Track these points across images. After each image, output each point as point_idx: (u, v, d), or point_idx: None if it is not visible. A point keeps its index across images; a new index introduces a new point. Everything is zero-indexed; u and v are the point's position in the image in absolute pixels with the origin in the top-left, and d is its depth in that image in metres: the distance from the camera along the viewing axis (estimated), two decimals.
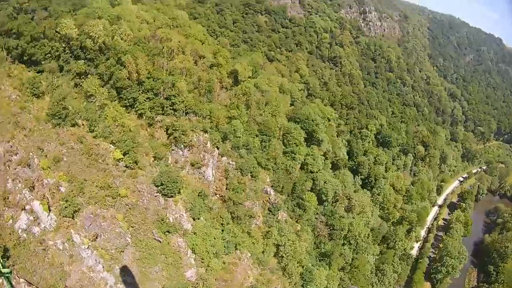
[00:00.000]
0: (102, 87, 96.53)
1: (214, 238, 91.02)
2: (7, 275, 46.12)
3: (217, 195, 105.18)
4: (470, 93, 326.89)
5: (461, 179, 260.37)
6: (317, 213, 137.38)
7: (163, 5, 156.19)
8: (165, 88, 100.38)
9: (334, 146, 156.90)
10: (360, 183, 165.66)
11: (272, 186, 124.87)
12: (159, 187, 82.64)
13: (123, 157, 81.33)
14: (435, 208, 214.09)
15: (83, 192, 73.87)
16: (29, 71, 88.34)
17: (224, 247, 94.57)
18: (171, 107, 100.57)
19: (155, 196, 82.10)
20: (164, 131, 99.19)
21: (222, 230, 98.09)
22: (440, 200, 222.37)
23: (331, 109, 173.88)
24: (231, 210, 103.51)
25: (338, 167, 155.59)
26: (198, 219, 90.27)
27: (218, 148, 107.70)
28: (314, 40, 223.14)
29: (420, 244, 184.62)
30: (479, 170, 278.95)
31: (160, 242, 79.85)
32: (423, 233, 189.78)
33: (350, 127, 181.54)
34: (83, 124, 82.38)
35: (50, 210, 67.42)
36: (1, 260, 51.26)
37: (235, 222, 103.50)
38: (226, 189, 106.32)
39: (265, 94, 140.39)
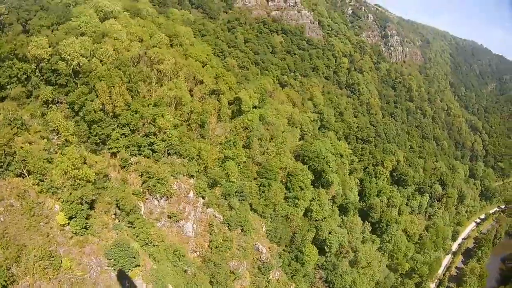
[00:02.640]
0: (73, 117, 78.03)
1: None
2: None
3: (197, 253, 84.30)
4: (492, 125, 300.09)
5: (478, 220, 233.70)
6: (317, 266, 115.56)
7: (167, 20, 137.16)
8: (144, 123, 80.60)
9: (344, 187, 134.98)
10: (370, 229, 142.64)
11: (267, 237, 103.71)
12: (111, 260, 62.57)
13: (68, 221, 61.66)
14: (448, 256, 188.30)
15: (19, 261, 56.22)
16: None
17: None
18: (150, 147, 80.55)
19: (106, 269, 62.05)
20: (139, 175, 79.25)
21: None
22: (454, 246, 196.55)
23: (345, 144, 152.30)
24: (211, 273, 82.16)
25: (347, 211, 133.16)
26: None
27: (203, 198, 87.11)
28: (332, 64, 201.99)
29: None
30: (497, 210, 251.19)
31: None
32: (433, 286, 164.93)
33: (364, 164, 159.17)
34: (29, 175, 63.31)
35: None
36: None
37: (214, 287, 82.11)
38: (209, 246, 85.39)
39: (270, 127, 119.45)
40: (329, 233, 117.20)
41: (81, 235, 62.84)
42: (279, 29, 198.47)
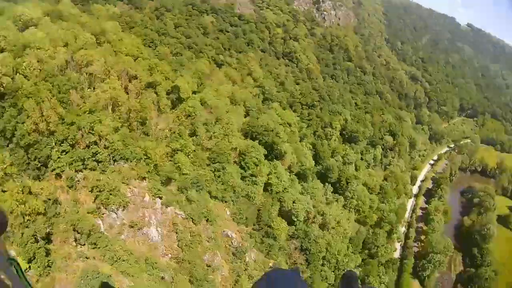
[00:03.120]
0: (7, 146, 68.51)
1: None
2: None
3: (168, 256, 78.96)
4: (430, 73, 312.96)
5: (432, 162, 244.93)
6: (289, 237, 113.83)
7: (92, 18, 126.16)
8: (83, 134, 73.09)
9: (298, 155, 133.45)
10: (332, 190, 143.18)
11: (234, 220, 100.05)
12: None
13: (29, 265, 55.15)
14: (411, 200, 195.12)
15: None
16: None
17: None
18: (94, 158, 73.24)
19: None
20: (89, 191, 72.17)
21: None
22: (415, 190, 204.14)
23: (291, 112, 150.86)
24: (188, 272, 77.34)
25: (306, 177, 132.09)
26: None
27: (160, 198, 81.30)
28: (266, 36, 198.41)
29: (401, 243, 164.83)
30: (448, 149, 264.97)
31: None
32: (403, 229, 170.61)
33: (313, 128, 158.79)
34: None
35: None
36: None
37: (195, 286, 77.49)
38: (178, 246, 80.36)
39: (213, 110, 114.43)
40: (293, 202, 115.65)
41: (46, 275, 55.53)
42: (208, 9, 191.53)
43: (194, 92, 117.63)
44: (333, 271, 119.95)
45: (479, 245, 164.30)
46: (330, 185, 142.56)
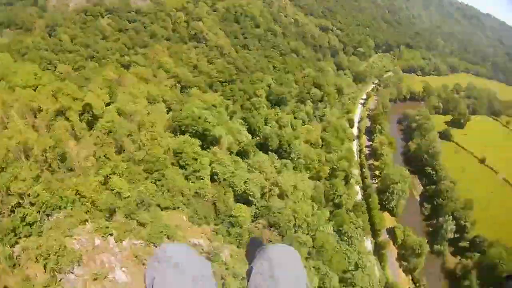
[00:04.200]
0: None
1: None
2: None
3: None
4: (339, 20, 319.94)
5: (362, 101, 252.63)
6: (254, 218, 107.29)
7: None
8: (1, 200, 59.43)
9: (233, 134, 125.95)
10: (277, 157, 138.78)
11: (193, 224, 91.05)
12: None
13: None
14: (355, 142, 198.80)
15: None
16: None
17: None
18: (23, 223, 59.80)
19: None
20: (35, 262, 58.12)
21: None
22: (355, 131, 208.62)
23: (213, 93, 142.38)
24: None
25: (248, 153, 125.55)
26: None
27: (111, 235, 69.26)
28: (169, 24, 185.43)
29: (360, 184, 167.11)
30: (374, 86, 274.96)
31: None
32: (357, 171, 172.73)
33: (240, 103, 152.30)
34: None
35: None
36: None
37: None
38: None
39: (133, 117, 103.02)
40: (245, 183, 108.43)
41: None
42: (102, 11, 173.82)
43: (108, 104, 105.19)
44: (308, 234, 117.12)
45: (430, 163, 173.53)
46: (273, 153, 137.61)
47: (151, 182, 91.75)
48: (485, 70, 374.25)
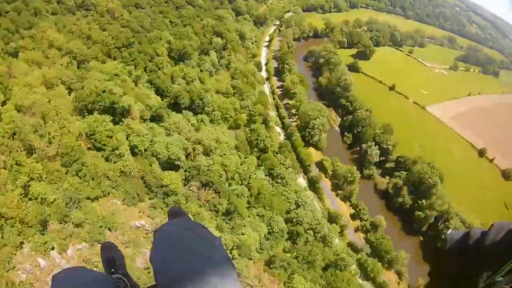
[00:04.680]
0: None
1: None
2: None
3: None
4: None
5: (266, 44, 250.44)
6: (186, 181, 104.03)
7: None
8: None
9: (142, 100, 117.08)
10: (192, 114, 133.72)
11: (128, 205, 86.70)
12: None
13: None
14: (266, 84, 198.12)
15: None
16: None
17: None
18: None
19: None
20: None
21: None
22: (264, 74, 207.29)
23: (112, 62, 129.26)
24: None
25: (162, 117, 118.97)
26: None
27: (53, 249, 63.94)
28: None
29: (279, 125, 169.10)
30: (276, 27, 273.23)
31: None
32: (274, 113, 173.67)
33: (142, 65, 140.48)
34: None
35: None
36: None
37: None
38: None
39: (35, 110, 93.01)
40: (166, 148, 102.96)
41: None
42: None
43: (3, 103, 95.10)
44: (242, 184, 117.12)
45: (343, 95, 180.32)
46: (187, 110, 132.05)
47: (73, 175, 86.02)
48: (384, 5, 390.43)
